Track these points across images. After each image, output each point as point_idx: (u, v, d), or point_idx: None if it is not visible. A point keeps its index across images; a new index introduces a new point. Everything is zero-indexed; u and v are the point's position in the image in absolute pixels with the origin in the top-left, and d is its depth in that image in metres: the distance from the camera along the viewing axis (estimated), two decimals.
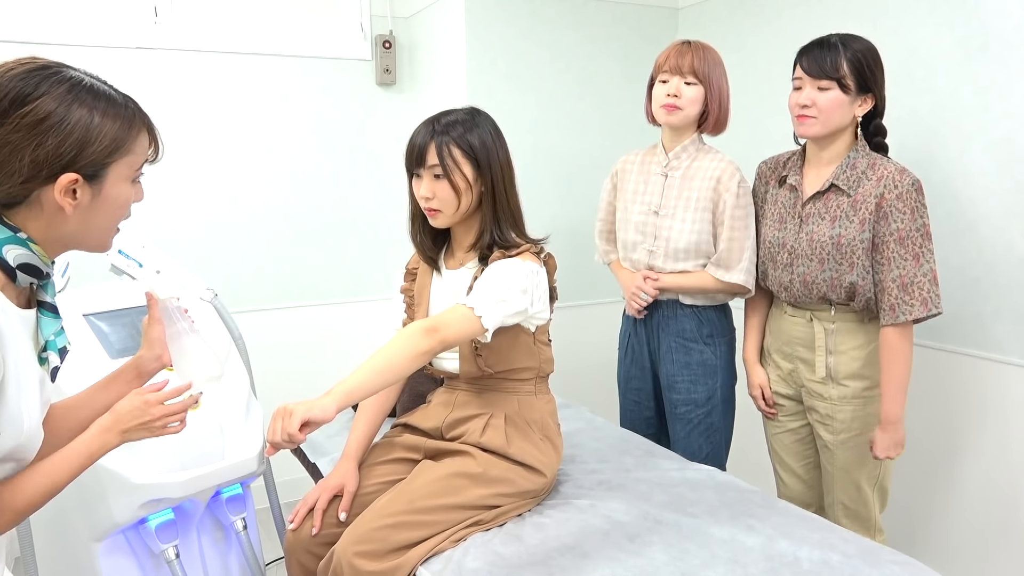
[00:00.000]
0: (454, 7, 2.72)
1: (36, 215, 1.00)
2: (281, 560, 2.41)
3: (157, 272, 1.88)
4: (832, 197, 1.85)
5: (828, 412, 1.92)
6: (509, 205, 1.66)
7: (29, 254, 1.00)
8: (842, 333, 1.89)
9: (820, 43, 1.82)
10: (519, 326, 1.66)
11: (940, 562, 2.17)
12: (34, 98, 0.95)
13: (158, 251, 1.96)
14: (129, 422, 1.15)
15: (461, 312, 1.50)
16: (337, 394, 1.33)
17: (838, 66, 1.77)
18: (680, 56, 1.97)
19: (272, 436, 1.28)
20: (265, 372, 2.25)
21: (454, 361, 1.72)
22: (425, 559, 1.48)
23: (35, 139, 0.95)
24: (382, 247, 3.13)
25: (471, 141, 1.62)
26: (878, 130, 1.87)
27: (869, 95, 1.81)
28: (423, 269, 1.82)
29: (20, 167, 0.95)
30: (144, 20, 2.64)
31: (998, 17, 2.00)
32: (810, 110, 1.81)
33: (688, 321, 2.08)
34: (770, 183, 2.02)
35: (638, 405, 2.24)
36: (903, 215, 1.76)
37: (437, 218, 1.66)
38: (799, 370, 1.97)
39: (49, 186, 0.97)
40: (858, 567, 1.42)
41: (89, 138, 0.98)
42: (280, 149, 2.92)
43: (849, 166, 1.83)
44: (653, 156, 2.13)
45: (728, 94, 2.03)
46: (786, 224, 1.93)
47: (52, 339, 1.06)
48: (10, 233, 0.99)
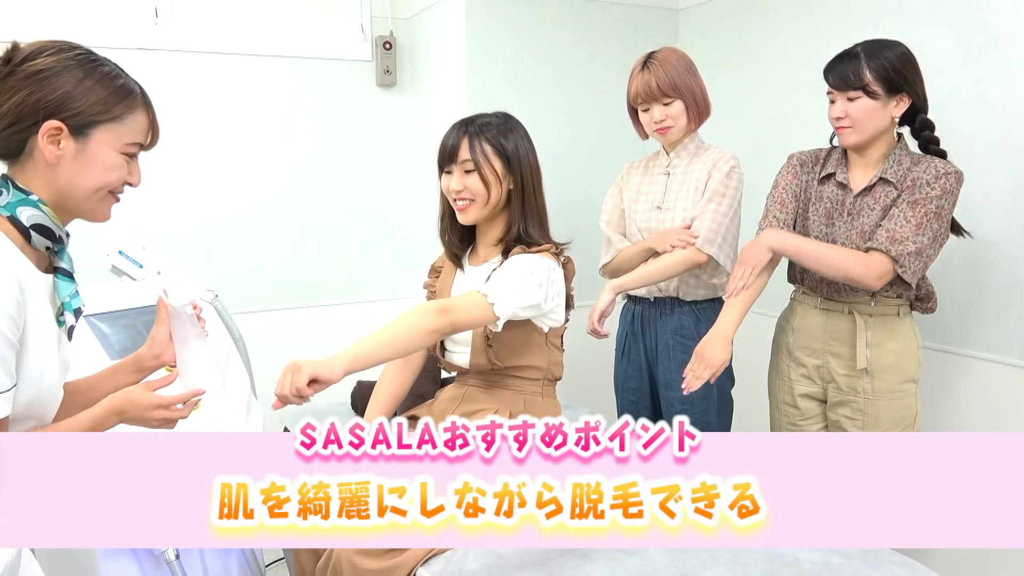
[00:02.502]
0: (454, 8, 2.72)
1: (33, 169, 1.09)
2: (281, 561, 2.41)
3: (158, 273, 1.88)
4: (880, 190, 1.85)
5: (861, 407, 1.91)
6: (536, 205, 1.72)
7: (41, 215, 1.08)
8: (879, 326, 1.89)
9: (843, 56, 1.84)
10: (532, 324, 1.69)
11: (940, 562, 2.16)
12: (39, 55, 1.07)
13: (159, 252, 1.96)
14: (132, 413, 1.22)
15: (475, 298, 1.54)
16: (345, 357, 1.37)
17: (861, 75, 1.78)
18: (647, 84, 2.03)
19: (280, 389, 1.31)
20: (265, 373, 2.24)
21: (464, 355, 1.74)
22: (425, 559, 1.48)
23: (29, 87, 1.05)
24: (382, 248, 3.13)
25: (503, 140, 1.68)
26: (924, 125, 1.87)
27: (903, 95, 1.81)
28: (447, 267, 1.85)
29: (12, 110, 1.05)
30: (144, 21, 2.65)
31: (998, 17, 2.00)
32: (844, 120, 1.83)
33: (685, 318, 2.09)
34: (813, 176, 1.97)
35: (635, 405, 2.24)
36: (929, 188, 1.77)
37: (468, 211, 1.70)
38: (830, 364, 1.95)
39: (33, 133, 1.06)
40: (859, 568, 1.42)
41: (76, 92, 1.07)
42: (280, 150, 2.92)
43: (896, 162, 1.84)
44: (656, 160, 2.18)
45: (700, 85, 2.06)
46: (834, 220, 1.92)
47: (68, 300, 1.14)
48: (22, 195, 1.08)
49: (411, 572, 1.46)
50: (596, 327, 2.06)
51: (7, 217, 1.07)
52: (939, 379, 2.20)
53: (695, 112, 2.05)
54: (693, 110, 2.04)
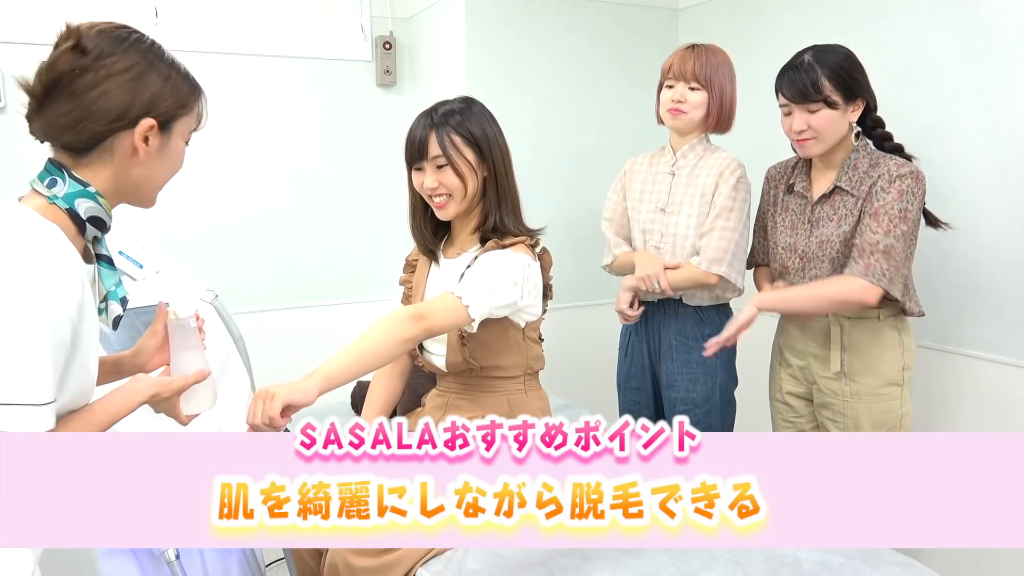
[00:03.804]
0: (454, 8, 2.72)
1: (106, 162, 1.07)
2: (281, 561, 2.41)
3: (157, 273, 1.88)
4: (838, 198, 1.87)
5: (840, 409, 1.92)
6: (510, 191, 1.68)
7: (97, 207, 1.08)
8: (856, 329, 1.89)
9: (794, 66, 1.82)
10: (509, 320, 1.66)
11: (940, 562, 2.16)
12: (120, 51, 1.07)
13: (159, 252, 1.97)
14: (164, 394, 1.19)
15: (448, 300, 1.50)
16: (319, 377, 1.32)
17: (820, 87, 1.78)
18: (683, 62, 2.01)
19: (252, 419, 1.27)
20: (265, 373, 2.24)
21: (442, 358, 1.72)
22: (425, 560, 1.48)
23: (122, 86, 1.05)
24: (382, 248, 3.13)
25: (471, 128, 1.64)
26: (876, 123, 1.88)
27: (859, 99, 1.82)
28: (422, 261, 1.83)
29: (109, 110, 1.04)
30: (144, 21, 2.65)
31: (998, 17, 2.00)
32: (807, 133, 1.83)
33: (689, 320, 2.09)
34: (779, 188, 2.02)
35: (637, 405, 2.24)
36: (887, 194, 1.77)
37: (447, 207, 1.66)
38: (811, 366, 1.97)
39: (127, 131, 1.06)
40: (859, 568, 1.42)
41: (166, 90, 1.09)
42: (280, 150, 2.92)
43: (851, 167, 1.85)
44: (661, 156, 2.15)
45: (733, 94, 2.05)
46: (797, 229, 1.94)
47: (113, 289, 1.14)
48: (80, 187, 1.06)
49: (411, 572, 1.46)
50: (626, 311, 2.12)
51: (65, 209, 1.05)
52: (938, 379, 2.20)
53: (715, 112, 2.02)
54: (714, 109, 2.02)
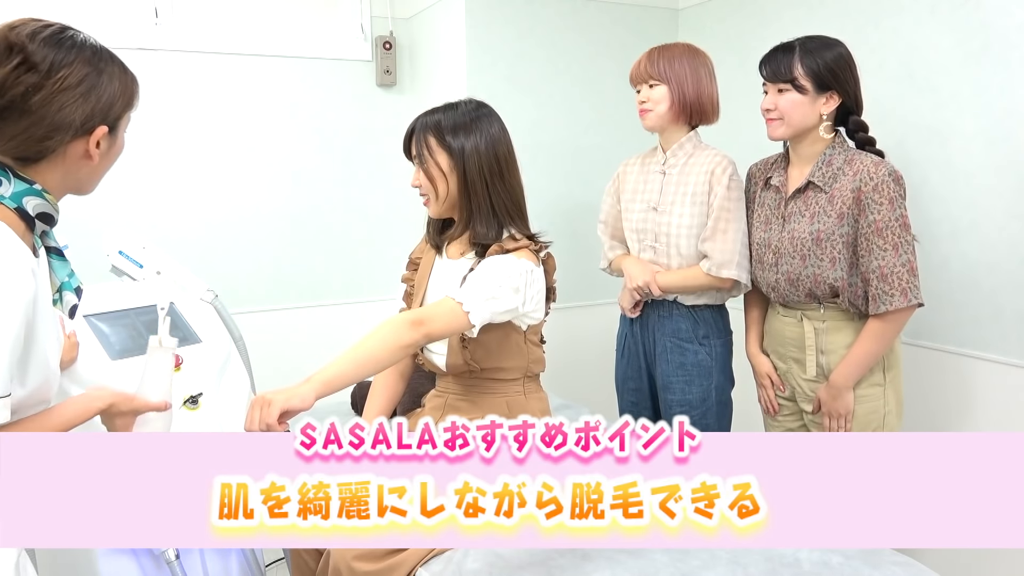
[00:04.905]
0: (454, 8, 2.72)
1: (56, 165, 1.09)
2: (281, 561, 2.41)
3: (157, 273, 1.88)
4: (811, 194, 1.87)
5: (823, 411, 1.92)
6: (491, 198, 1.63)
7: (45, 203, 1.09)
8: (832, 332, 1.89)
9: (779, 48, 1.86)
10: (510, 323, 1.65)
11: (940, 562, 2.16)
12: (68, 63, 1.07)
13: (159, 252, 1.96)
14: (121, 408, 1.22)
15: (449, 306, 1.50)
16: (316, 383, 1.32)
17: (791, 68, 1.81)
18: (638, 66, 2.05)
19: (250, 426, 1.26)
20: (265, 373, 2.24)
21: (442, 357, 1.72)
22: (425, 560, 1.48)
23: (77, 99, 1.06)
24: (382, 248, 3.13)
25: (446, 134, 1.62)
26: (858, 126, 1.88)
27: (832, 93, 1.82)
28: (426, 258, 1.83)
29: (70, 123, 1.05)
30: (144, 21, 2.64)
31: (998, 17, 2.00)
32: (773, 113, 1.86)
33: (683, 321, 2.08)
34: (758, 185, 2.03)
35: (636, 405, 2.24)
36: (880, 206, 1.77)
37: (429, 206, 1.69)
38: (792, 371, 1.98)
39: (81, 138, 1.08)
40: (859, 568, 1.42)
41: (116, 93, 1.10)
42: (280, 150, 2.92)
43: (825, 163, 1.85)
44: (652, 157, 2.15)
45: (699, 82, 2.01)
46: (771, 224, 1.95)
47: (67, 280, 1.16)
48: (27, 186, 1.08)
49: (411, 572, 1.46)
50: (629, 312, 2.13)
51: (13, 208, 1.06)
52: (938, 379, 2.20)
53: (678, 102, 2.00)
54: (676, 98, 1.99)
